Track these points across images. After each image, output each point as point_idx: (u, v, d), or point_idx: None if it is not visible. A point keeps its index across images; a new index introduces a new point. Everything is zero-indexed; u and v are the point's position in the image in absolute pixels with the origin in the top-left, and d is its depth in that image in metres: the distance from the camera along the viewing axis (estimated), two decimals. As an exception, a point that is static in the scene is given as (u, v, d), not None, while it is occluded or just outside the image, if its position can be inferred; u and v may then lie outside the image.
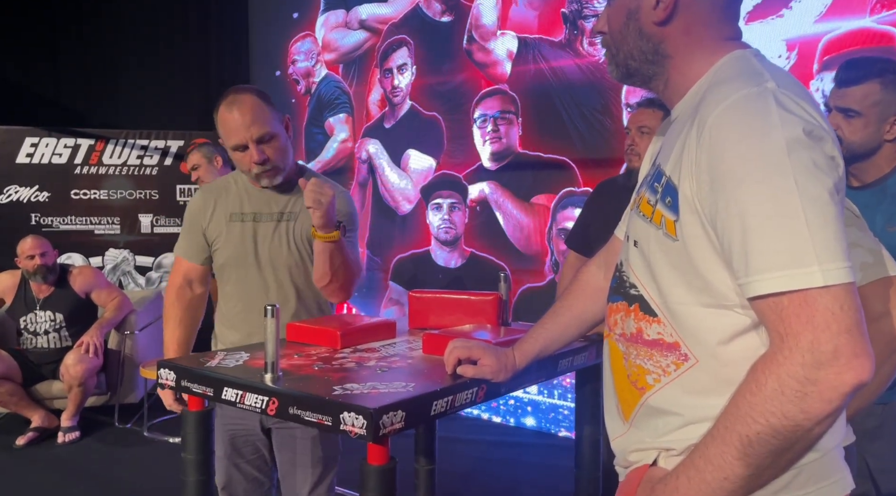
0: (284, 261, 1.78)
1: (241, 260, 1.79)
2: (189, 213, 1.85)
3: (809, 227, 0.76)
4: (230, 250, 1.79)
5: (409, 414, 1.11)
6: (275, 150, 1.71)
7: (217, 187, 1.86)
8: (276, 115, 1.74)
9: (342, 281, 1.70)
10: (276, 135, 1.71)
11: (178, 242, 1.87)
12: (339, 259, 1.66)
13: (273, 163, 1.71)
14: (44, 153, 4.72)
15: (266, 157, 1.69)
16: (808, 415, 0.76)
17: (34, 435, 3.57)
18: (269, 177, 1.73)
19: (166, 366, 1.36)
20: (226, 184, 1.85)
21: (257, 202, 1.80)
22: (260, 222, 1.79)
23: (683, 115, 0.94)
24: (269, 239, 1.78)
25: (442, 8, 4.10)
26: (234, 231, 1.79)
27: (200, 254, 1.83)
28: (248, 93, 1.71)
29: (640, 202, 0.97)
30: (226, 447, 1.80)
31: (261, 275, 1.78)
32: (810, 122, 0.81)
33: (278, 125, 1.73)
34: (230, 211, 1.81)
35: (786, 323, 0.77)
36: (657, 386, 0.94)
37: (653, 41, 0.96)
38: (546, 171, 3.71)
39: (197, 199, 1.85)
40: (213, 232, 1.81)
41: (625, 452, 1.00)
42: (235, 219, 1.80)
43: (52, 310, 3.72)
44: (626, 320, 0.98)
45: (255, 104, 1.69)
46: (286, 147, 1.75)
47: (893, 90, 1.55)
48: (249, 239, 1.78)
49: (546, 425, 3.77)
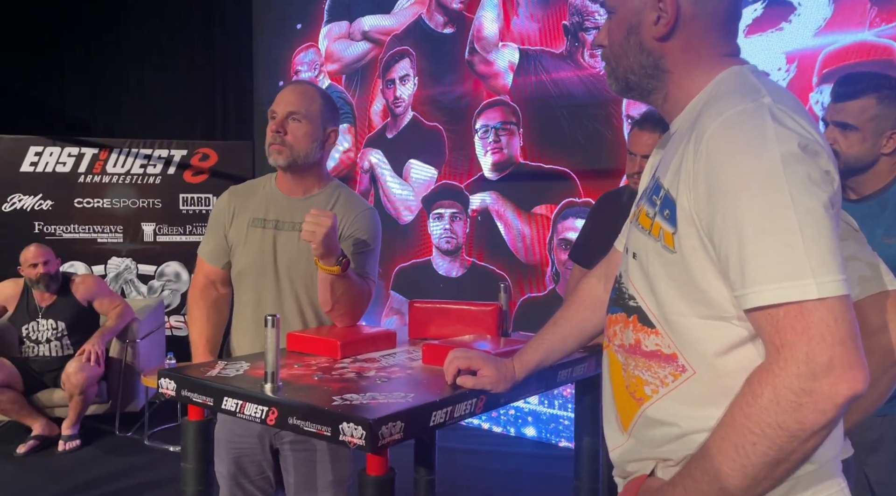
0: (302, 274, 1.73)
1: (259, 268, 1.75)
2: (213, 213, 1.83)
3: (804, 240, 0.77)
4: (249, 257, 1.76)
5: (407, 424, 1.12)
6: (296, 132, 1.70)
7: (244, 190, 1.83)
8: (326, 115, 1.75)
9: (345, 309, 1.67)
10: (307, 119, 1.71)
11: (202, 243, 1.84)
12: (341, 289, 1.63)
13: (286, 140, 1.70)
14: (48, 162, 4.74)
15: (284, 130, 1.69)
16: (804, 426, 0.76)
17: (35, 443, 3.56)
18: (275, 151, 1.71)
19: (167, 376, 1.36)
20: (253, 187, 1.83)
21: (281, 210, 1.77)
22: (281, 230, 1.75)
23: (682, 129, 0.95)
24: (289, 249, 1.74)
25: (444, 20, 4.13)
26: (254, 237, 1.76)
27: (222, 257, 1.81)
28: (312, 85, 1.81)
29: (639, 214, 0.98)
30: (230, 466, 1.75)
31: (277, 285, 1.74)
32: (805, 136, 0.82)
33: (317, 119, 1.72)
34: (252, 216, 1.77)
35: (781, 334, 0.77)
36: (655, 397, 0.94)
37: (653, 56, 0.97)
38: (547, 181, 3.72)
39: (223, 199, 1.83)
40: (234, 236, 1.78)
41: (623, 463, 1.01)
42: (256, 224, 1.77)
43: (55, 318, 3.73)
44: (624, 331, 0.99)
45: (310, 92, 1.75)
46: (311, 141, 1.72)
47: (889, 104, 1.56)
48: (269, 247, 1.75)
49: (546, 435, 3.76)
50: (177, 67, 5.42)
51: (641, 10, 0.96)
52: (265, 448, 1.75)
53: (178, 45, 5.43)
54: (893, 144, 1.58)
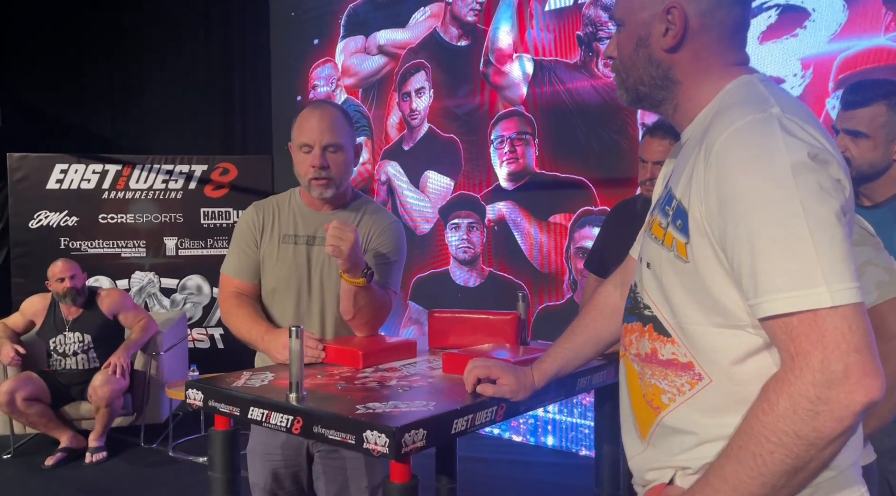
0: (334, 288, 1.74)
1: (293, 284, 1.75)
2: (240, 229, 1.81)
3: (816, 249, 0.78)
4: (282, 273, 1.75)
5: (430, 432, 1.14)
6: (336, 163, 1.72)
7: (269, 205, 1.83)
8: (352, 134, 1.77)
9: (366, 319, 1.69)
10: (343, 148, 1.73)
11: (227, 260, 1.81)
12: (364, 300, 1.65)
13: (330, 173, 1.71)
14: (73, 179, 4.84)
15: (326, 164, 1.71)
16: (821, 434, 0.77)
17: (62, 455, 3.63)
18: (322, 186, 1.72)
19: (194, 387, 1.40)
20: (279, 202, 1.83)
21: (311, 225, 1.78)
22: (314, 246, 1.76)
23: (693, 140, 0.97)
24: (322, 264, 1.75)
25: (459, 32, 4.18)
26: (287, 254, 1.76)
27: (252, 272, 1.78)
28: (333, 106, 1.79)
29: (652, 224, 1.00)
30: (267, 479, 1.75)
31: (311, 301, 1.76)
32: (815, 145, 0.83)
33: (349, 144, 1.75)
34: (283, 232, 1.78)
35: (796, 343, 0.79)
36: (672, 405, 0.96)
37: (662, 67, 0.99)
38: (563, 190, 3.74)
39: (249, 215, 1.81)
40: (265, 252, 1.78)
41: (642, 471, 1.02)
42: (288, 241, 1.77)
43: (81, 331, 3.80)
44: (640, 340, 1.01)
45: (336, 116, 1.74)
46: (348, 166, 1.75)
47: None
48: (303, 263, 1.76)
49: (566, 444, 3.76)
50: (196, 84, 5.52)
51: (650, 23, 0.98)
52: (301, 458, 1.76)
53: (198, 63, 5.53)
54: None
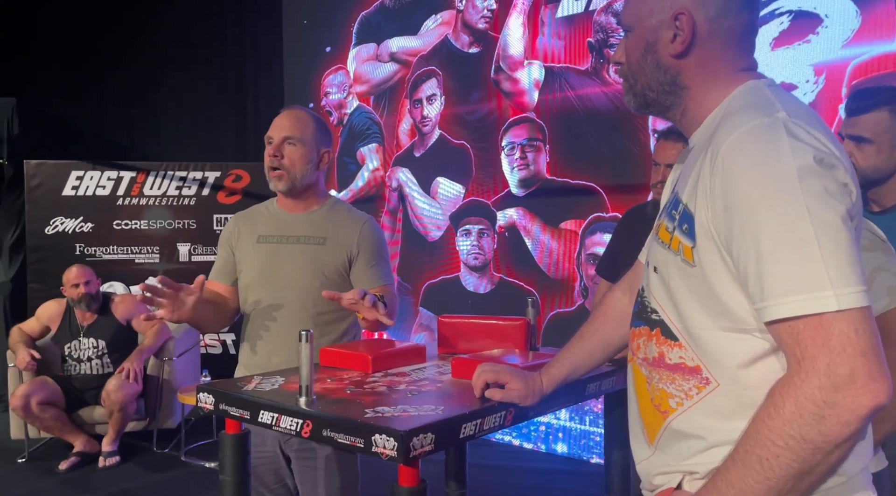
0: (307, 284, 1.83)
1: (265, 280, 1.85)
2: (221, 237, 1.97)
3: (823, 253, 0.78)
4: (256, 270, 1.87)
5: (438, 436, 1.14)
6: (292, 157, 1.83)
7: (248, 213, 1.98)
8: (319, 137, 1.88)
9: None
10: (300, 143, 1.83)
11: (213, 266, 1.97)
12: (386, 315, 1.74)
13: (283, 165, 1.82)
14: (88, 186, 4.90)
15: (280, 155, 1.82)
16: (827, 438, 0.77)
17: (76, 459, 3.66)
18: (275, 177, 1.84)
19: (206, 390, 1.41)
20: (257, 210, 1.97)
21: (285, 226, 1.89)
22: (286, 244, 1.87)
23: (699, 145, 0.97)
24: (294, 260, 1.85)
25: (470, 40, 4.20)
26: (261, 252, 1.88)
27: (228, 275, 1.92)
28: (307, 110, 1.93)
29: (658, 229, 1.01)
30: None
31: (283, 296, 1.84)
32: (821, 150, 0.83)
33: (311, 142, 1.85)
34: (259, 233, 1.90)
35: (802, 346, 0.79)
36: (680, 409, 0.96)
37: (670, 73, 0.99)
38: (574, 196, 3.74)
39: (229, 224, 1.98)
40: (241, 254, 1.90)
41: (650, 476, 1.02)
42: (262, 241, 1.89)
43: (95, 337, 3.84)
44: (648, 345, 1.01)
45: (303, 117, 1.87)
46: (305, 162, 1.84)
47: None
48: (274, 259, 1.86)
49: (577, 452, 3.74)
50: (210, 92, 5.58)
51: (658, 29, 0.98)
52: (278, 454, 1.82)
53: (212, 70, 5.59)
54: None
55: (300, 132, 1.84)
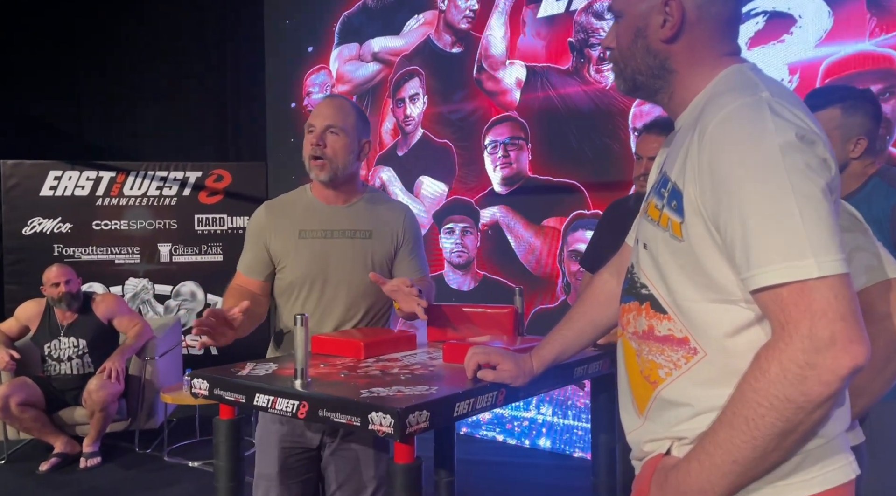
0: (358, 281, 1.78)
1: (314, 278, 1.77)
2: (251, 228, 1.84)
3: (804, 223, 0.82)
4: (301, 268, 1.78)
5: (433, 414, 1.17)
6: (334, 146, 1.76)
7: (281, 203, 1.86)
8: (360, 127, 1.81)
9: None
10: (344, 133, 1.76)
11: (241, 257, 1.85)
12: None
13: (326, 154, 1.75)
14: (67, 186, 4.85)
15: (324, 143, 1.75)
16: (809, 398, 0.81)
17: (57, 460, 3.61)
18: (317, 167, 1.76)
19: (200, 376, 1.42)
20: (291, 200, 1.87)
21: (326, 219, 1.81)
22: (332, 239, 1.80)
23: (686, 126, 1.01)
24: (344, 257, 1.79)
25: (452, 39, 4.24)
26: (306, 248, 1.78)
27: (262, 269, 1.81)
28: (345, 99, 1.86)
29: (648, 207, 1.04)
30: (277, 465, 1.74)
31: (334, 293, 1.78)
32: (802, 127, 0.88)
33: (353, 132, 1.78)
34: (298, 227, 1.80)
35: (786, 312, 0.83)
36: (669, 379, 0.99)
37: (659, 57, 1.03)
38: (556, 194, 3.79)
39: (260, 214, 1.84)
40: (279, 249, 1.79)
41: (639, 444, 1.05)
42: (305, 236, 1.79)
43: (76, 336, 3.79)
44: (637, 319, 1.05)
45: (345, 106, 1.81)
46: (348, 152, 1.78)
47: (853, 113, 1.73)
48: (322, 256, 1.78)
49: (561, 446, 3.78)
50: (190, 91, 5.55)
51: (648, 14, 1.02)
52: (314, 446, 1.78)
53: (192, 70, 5.57)
54: (861, 149, 1.75)
55: (343, 121, 1.77)
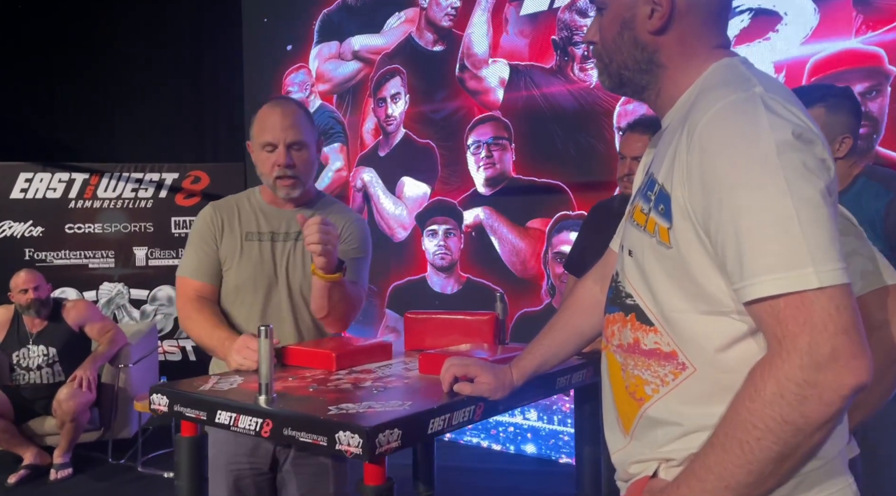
0: (301, 284, 1.72)
1: (259, 281, 1.71)
2: (198, 229, 1.75)
3: (803, 229, 0.75)
4: (247, 271, 1.71)
5: (405, 432, 1.09)
6: (302, 161, 1.69)
7: (228, 205, 1.79)
8: (314, 131, 1.75)
9: (340, 314, 1.67)
10: (307, 146, 1.70)
11: (185, 261, 1.76)
12: (338, 296, 1.62)
13: (296, 172, 1.69)
14: (38, 188, 4.73)
15: (292, 162, 1.67)
16: (809, 420, 0.74)
17: (26, 472, 3.50)
18: (288, 186, 1.69)
19: (159, 391, 1.34)
20: (238, 201, 1.80)
21: (273, 221, 1.75)
22: (278, 242, 1.74)
23: (674, 124, 0.94)
24: (288, 260, 1.73)
25: (434, 37, 4.17)
26: (252, 251, 1.72)
27: (212, 273, 1.73)
28: (294, 102, 1.77)
29: (633, 211, 0.97)
30: (229, 489, 1.66)
31: (278, 297, 1.72)
32: (799, 125, 0.81)
33: (312, 140, 1.73)
34: (245, 230, 1.74)
35: (783, 325, 0.76)
36: (656, 396, 0.93)
37: (647, 51, 0.96)
38: (540, 195, 3.73)
39: (207, 214, 1.76)
40: (226, 251, 1.73)
41: (625, 465, 0.98)
42: (252, 238, 1.73)
43: (46, 344, 3.68)
44: (622, 330, 0.98)
45: (298, 113, 1.71)
46: (312, 163, 1.74)
47: (837, 112, 1.67)
48: (268, 259, 1.72)
49: (546, 452, 3.72)
50: (167, 91, 5.44)
51: (635, 4, 0.94)
52: (268, 465, 1.69)
53: (169, 69, 5.45)
54: (846, 148, 1.70)
55: (303, 133, 1.69)
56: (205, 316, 1.68)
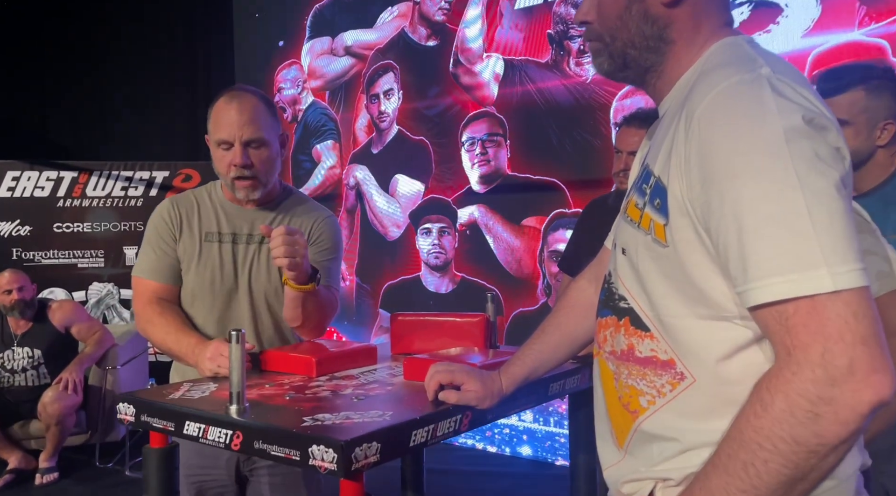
0: (263, 289, 1.62)
1: (217, 285, 1.61)
2: (156, 226, 1.63)
3: (815, 225, 0.68)
4: (206, 274, 1.60)
5: (384, 445, 1.02)
6: (261, 160, 1.55)
7: (188, 200, 1.66)
8: (275, 125, 1.60)
9: (314, 323, 1.57)
10: (267, 143, 1.56)
11: (141, 260, 1.64)
12: (312, 305, 1.52)
13: (255, 172, 1.55)
14: (25, 186, 4.65)
15: (250, 162, 1.53)
16: (823, 440, 0.67)
17: (11, 477, 3.42)
18: (247, 188, 1.57)
19: (126, 400, 1.26)
20: (198, 197, 1.66)
21: (235, 221, 1.63)
22: (239, 244, 1.62)
23: (672, 110, 0.86)
24: (249, 263, 1.62)
25: (427, 32, 4.08)
26: (211, 253, 1.61)
27: (174, 274, 1.62)
28: (252, 94, 1.59)
29: (627, 206, 0.90)
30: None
31: (238, 302, 1.62)
32: (811, 109, 0.73)
33: (273, 136, 1.58)
34: (205, 230, 1.62)
35: (792, 334, 0.68)
36: (651, 409, 0.85)
37: (658, 24, 0.87)
38: (536, 192, 3.65)
39: (165, 210, 1.64)
40: (184, 251, 1.62)
41: (618, 483, 0.91)
42: (211, 239, 1.62)
43: (31, 346, 3.60)
44: (615, 336, 0.90)
45: (257, 106, 1.55)
46: (274, 161, 1.59)
47: (879, 95, 1.51)
48: (228, 262, 1.61)
49: (542, 454, 3.64)
50: (158, 87, 5.35)
51: None
52: (231, 477, 1.61)
53: (159, 65, 5.37)
54: (888, 135, 1.53)
55: (263, 131, 1.54)
56: (168, 319, 1.57)
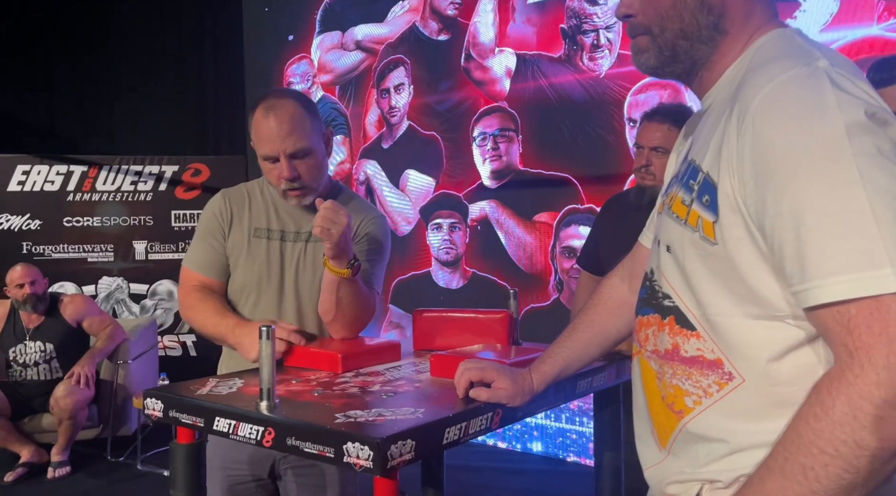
0: (310, 288, 1.59)
1: (264, 283, 1.59)
2: (207, 220, 1.62)
3: (878, 223, 0.66)
4: (253, 271, 1.59)
5: (419, 443, 1.01)
6: (308, 168, 1.53)
7: (240, 195, 1.64)
8: (317, 127, 1.56)
9: (348, 318, 1.53)
10: (312, 151, 1.53)
11: (192, 253, 1.63)
12: (347, 296, 1.49)
13: (304, 182, 1.53)
14: (35, 181, 4.65)
15: (297, 174, 1.51)
16: (887, 444, 0.65)
17: (23, 470, 3.43)
18: (298, 196, 1.55)
19: (154, 395, 1.25)
20: (250, 191, 1.65)
21: (286, 219, 1.62)
22: (287, 242, 1.61)
23: (719, 104, 0.85)
24: (297, 262, 1.60)
25: (438, 26, 4.06)
26: (259, 249, 1.59)
27: (222, 269, 1.61)
28: (289, 99, 1.53)
29: (671, 203, 0.88)
30: (224, 494, 1.57)
31: (283, 301, 1.60)
32: (872, 103, 0.71)
33: (317, 140, 1.55)
34: (254, 225, 1.61)
35: (854, 335, 0.67)
36: (697, 409, 0.84)
37: (714, 13, 0.84)
38: (548, 188, 3.63)
39: (217, 204, 1.63)
40: (233, 246, 1.61)
41: (661, 484, 0.90)
42: (260, 235, 1.60)
43: (43, 340, 3.60)
44: (659, 335, 0.89)
45: (296, 113, 1.51)
46: (322, 165, 1.57)
47: None
48: (276, 260, 1.59)
49: (554, 450, 3.64)
50: (167, 82, 5.34)
51: None
52: (266, 473, 1.60)
53: (169, 60, 5.35)
54: None
55: (306, 140, 1.51)
56: (208, 304, 1.56)
